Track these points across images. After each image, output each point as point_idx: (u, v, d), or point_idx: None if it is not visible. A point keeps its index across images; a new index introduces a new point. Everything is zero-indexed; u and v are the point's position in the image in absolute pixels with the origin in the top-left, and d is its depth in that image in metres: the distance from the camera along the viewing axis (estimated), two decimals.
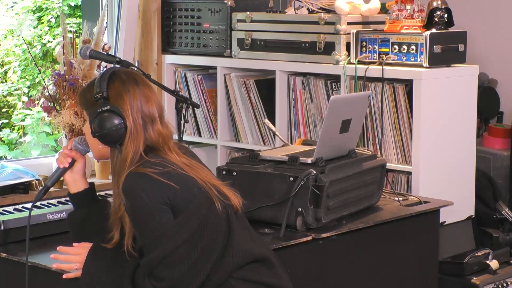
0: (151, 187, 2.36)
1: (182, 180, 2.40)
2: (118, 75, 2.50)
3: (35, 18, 4.95)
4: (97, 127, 2.45)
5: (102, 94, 2.46)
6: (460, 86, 3.93)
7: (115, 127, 2.43)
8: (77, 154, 2.63)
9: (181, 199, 2.37)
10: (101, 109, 2.45)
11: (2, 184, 3.78)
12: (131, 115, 2.45)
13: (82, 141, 2.62)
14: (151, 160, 2.41)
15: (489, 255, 3.85)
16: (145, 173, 2.37)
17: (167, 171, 2.39)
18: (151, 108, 2.48)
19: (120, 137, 2.44)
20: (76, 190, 2.62)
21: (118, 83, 2.48)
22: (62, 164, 2.62)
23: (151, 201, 2.35)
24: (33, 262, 2.63)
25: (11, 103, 4.88)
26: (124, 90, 2.47)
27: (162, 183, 2.36)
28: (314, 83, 4.09)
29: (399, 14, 3.90)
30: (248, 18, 4.29)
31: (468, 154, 3.99)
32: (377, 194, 3.31)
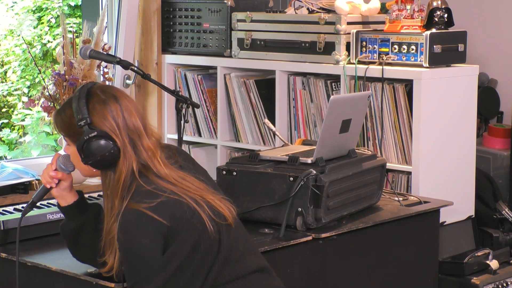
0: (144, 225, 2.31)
1: (176, 210, 2.35)
2: (95, 95, 2.41)
3: (35, 18, 4.95)
4: (88, 155, 2.39)
5: (86, 120, 2.38)
6: (460, 86, 3.93)
7: (108, 152, 2.37)
8: (64, 175, 2.53)
9: (174, 231, 2.34)
10: (88, 136, 2.37)
11: (2, 184, 3.77)
12: (120, 135, 2.39)
13: (66, 160, 2.51)
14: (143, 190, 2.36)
15: (489, 255, 3.85)
16: (138, 210, 2.31)
17: (161, 202, 2.34)
18: (135, 120, 2.42)
19: (114, 160, 2.39)
20: (66, 203, 2.54)
21: (98, 104, 2.40)
22: (48, 184, 2.54)
23: (145, 241, 2.31)
24: (33, 262, 2.63)
25: (11, 103, 4.88)
26: (107, 110, 2.39)
27: (155, 222, 2.31)
28: (314, 83, 4.09)
29: (399, 14, 3.90)
30: (248, 18, 4.29)
31: (468, 154, 3.99)
32: (377, 194, 3.31)
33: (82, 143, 2.38)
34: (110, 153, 2.37)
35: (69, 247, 2.57)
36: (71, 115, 2.41)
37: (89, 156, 2.38)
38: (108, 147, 2.37)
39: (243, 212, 2.93)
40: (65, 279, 2.55)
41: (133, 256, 2.32)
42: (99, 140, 2.37)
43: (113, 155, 2.38)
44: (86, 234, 2.52)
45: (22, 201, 3.68)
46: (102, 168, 2.41)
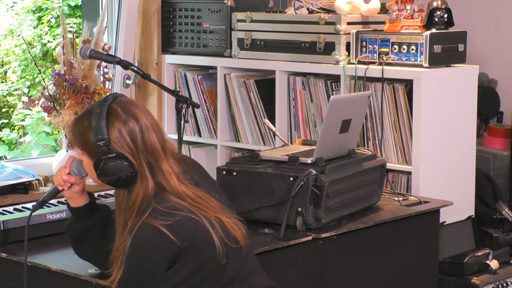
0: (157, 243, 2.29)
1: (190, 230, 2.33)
2: (116, 114, 2.37)
3: (35, 18, 4.95)
4: (104, 174, 2.37)
5: (105, 141, 2.34)
6: (460, 86, 3.93)
7: (124, 174, 2.35)
8: (76, 180, 2.50)
9: (184, 251, 2.32)
10: (106, 157, 2.35)
11: (2, 184, 3.77)
12: (138, 158, 2.36)
13: (80, 166, 2.49)
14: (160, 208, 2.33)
15: (489, 255, 3.85)
16: (155, 226, 2.29)
17: (178, 221, 2.31)
18: (154, 141, 2.39)
19: (130, 182, 2.37)
20: (76, 205, 2.53)
21: (119, 125, 2.36)
22: (60, 186, 2.52)
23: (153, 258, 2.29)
24: (33, 262, 2.63)
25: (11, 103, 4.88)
26: (127, 132, 2.36)
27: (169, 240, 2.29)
28: (314, 83, 4.09)
29: (399, 14, 3.90)
30: (248, 18, 4.29)
31: (468, 154, 3.99)
32: (377, 194, 3.31)
33: (99, 162, 2.36)
34: (126, 176, 2.35)
35: (73, 246, 2.56)
36: (88, 129, 2.38)
37: (105, 176, 2.36)
38: (125, 170, 2.35)
39: (243, 212, 2.93)
40: (65, 279, 2.55)
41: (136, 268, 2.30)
42: (117, 162, 2.34)
43: (130, 178, 2.36)
44: (92, 236, 2.51)
45: (22, 201, 3.69)
46: (117, 187, 2.41)
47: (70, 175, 2.49)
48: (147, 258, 2.29)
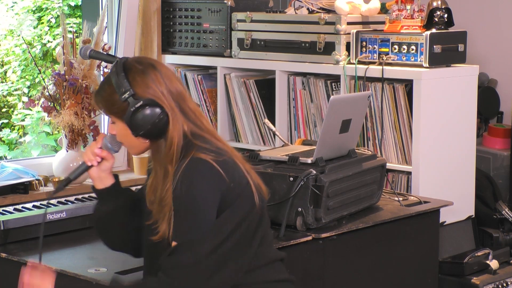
0: (211, 177, 2.28)
1: (236, 172, 2.33)
2: (133, 67, 2.38)
3: (35, 18, 4.95)
4: (138, 126, 2.34)
5: (129, 92, 2.34)
6: (460, 86, 3.93)
7: (157, 118, 2.33)
8: (108, 154, 2.47)
9: (231, 193, 2.31)
10: (134, 107, 2.33)
11: (2, 184, 3.77)
12: (165, 100, 2.34)
13: (113, 140, 2.47)
14: (205, 146, 2.33)
15: (489, 255, 3.85)
16: (207, 160, 2.28)
17: (224, 160, 2.31)
18: (177, 85, 2.39)
19: (165, 126, 2.34)
20: (103, 186, 2.49)
21: (138, 75, 2.36)
22: (90, 161, 2.47)
23: (206, 194, 2.27)
24: (33, 262, 2.63)
25: (11, 103, 4.88)
26: (147, 79, 2.35)
27: (220, 176, 2.28)
28: (314, 83, 4.09)
29: (399, 14, 3.90)
30: (248, 18, 4.29)
31: (468, 154, 3.99)
32: (377, 194, 3.31)
33: (130, 115, 2.34)
34: (160, 119, 2.33)
35: (101, 233, 2.53)
36: (112, 91, 2.37)
37: (140, 127, 2.34)
38: (156, 114, 2.33)
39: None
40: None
41: (190, 211, 2.27)
42: (147, 109, 2.33)
43: (163, 121, 2.33)
44: (121, 219, 2.49)
45: (22, 201, 3.69)
46: (154, 137, 2.36)
47: (101, 149, 2.47)
48: (201, 191, 2.26)
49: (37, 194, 3.84)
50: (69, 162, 4.03)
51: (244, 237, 2.33)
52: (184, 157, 2.32)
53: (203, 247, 2.26)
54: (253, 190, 2.36)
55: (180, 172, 2.28)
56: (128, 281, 2.47)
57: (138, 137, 2.37)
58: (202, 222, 2.27)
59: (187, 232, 2.27)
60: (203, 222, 2.27)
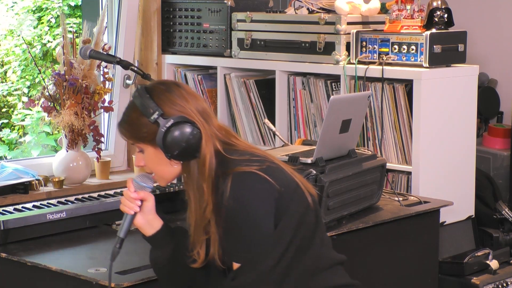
0: (261, 188, 2.19)
1: (283, 176, 2.26)
2: (156, 87, 2.30)
3: (35, 18, 4.95)
4: (172, 146, 2.24)
5: (158, 112, 2.24)
6: (460, 86, 3.93)
7: (191, 135, 2.24)
8: (145, 194, 2.33)
9: (284, 198, 2.23)
10: (166, 127, 2.24)
11: (2, 184, 3.77)
12: (195, 116, 2.26)
13: (143, 177, 2.34)
14: (242, 159, 2.24)
15: (489, 255, 3.85)
16: (252, 171, 2.20)
17: (268, 166, 2.23)
18: (202, 103, 2.31)
19: (198, 143, 2.25)
20: (154, 230, 2.34)
21: (163, 94, 2.27)
22: (132, 209, 2.33)
23: (261, 205, 2.19)
24: (33, 262, 2.63)
25: (11, 103, 4.88)
26: (173, 96, 2.27)
27: (270, 184, 2.20)
28: (314, 83, 4.09)
29: (399, 14, 3.90)
30: (248, 18, 4.29)
31: (468, 154, 3.99)
32: (377, 194, 3.31)
33: (161, 136, 2.24)
34: (193, 136, 2.25)
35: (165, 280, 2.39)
36: (137, 115, 2.28)
37: (173, 147, 2.24)
38: (190, 131, 2.24)
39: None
40: (65, 279, 2.55)
41: (247, 228, 2.19)
42: (179, 127, 2.24)
43: (197, 138, 2.25)
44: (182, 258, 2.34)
45: (22, 201, 3.69)
46: (187, 156, 2.27)
47: (137, 191, 2.34)
48: (256, 205, 2.19)
49: (37, 194, 3.84)
50: (69, 162, 4.02)
51: (304, 240, 2.26)
52: (223, 174, 2.23)
53: (266, 263, 2.19)
54: (304, 191, 2.29)
55: (228, 191, 2.19)
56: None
57: (171, 159, 2.28)
58: (261, 236, 2.20)
59: (247, 251, 2.20)
60: (262, 237, 2.20)
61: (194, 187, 2.27)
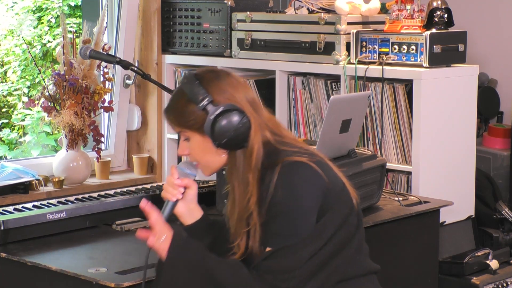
0: (311, 179, 2.15)
1: (332, 174, 2.22)
2: (205, 74, 2.26)
3: (35, 18, 4.95)
4: (220, 134, 2.19)
5: (208, 99, 2.20)
6: (460, 86, 3.93)
7: (240, 123, 2.20)
8: (189, 181, 2.30)
9: (330, 195, 2.19)
10: (215, 114, 2.19)
11: (2, 184, 3.77)
12: (244, 105, 2.22)
13: (187, 165, 2.30)
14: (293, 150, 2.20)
15: (489, 255, 3.85)
16: (303, 161, 2.16)
17: (319, 161, 2.20)
18: (251, 93, 2.27)
19: (247, 132, 2.21)
20: (193, 220, 2.33)
21: (213, 81, 2.23)
22: (174, 196, 2.29)
23: (309, 196, 2.15)
24: (33, 262, 2.63)
25: (11, 103, 4.88)
26: (224, 84, 2.23)
27: (320, 177, 2.16)
28: (314, 83, 4.09)
29: (399, 14, 3.90)
30: (248, 18, 4.29)
31: (468, 154, 3.99)
32: (377, 194, 3.31)
33: (210, 124, 2.20)
34: (243, 125, 2.20)
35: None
36: (186, 102, 2.24)
37: (222, 135, 2.20)
38: (239, 119, 2.20)
39: None
40: (65, 279, 2.55)
41: (292, 215, 2.14)
42: (228, 114, 2.20)
43: (246, 127, 2.21)
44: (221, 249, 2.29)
45: (22, 201, 3.69)
46: (235, 146, 2.22)
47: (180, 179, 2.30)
48: (303, 194, 2.15)
49: (37, 194, 3.84)
50: (69, 162, 4.03)
51: (343, 241, 2.22)
52: (271, 165, 2.19)
53: (304, 251, 2.15)
54: (351, 193, 2.26)
55: (276, 179, 2.15)
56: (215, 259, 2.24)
57: (218, 148, 2.23)
58: (303, 226, 2.16)
59: (288, 237, 2.15)
60: (304, 226, 2.16)
61: (239, 178, 2.22)
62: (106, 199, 3.07)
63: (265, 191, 2.18)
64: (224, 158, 2.26)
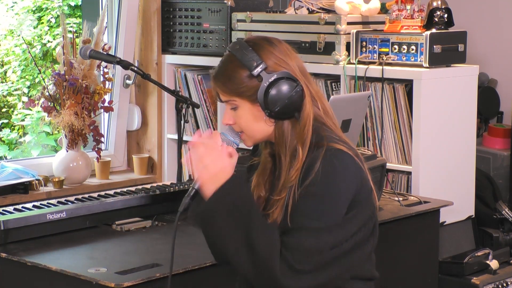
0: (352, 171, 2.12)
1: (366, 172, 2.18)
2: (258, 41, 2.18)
3: (35, 18, 4.95)
4: (274, 102, 2.12)
5: (262, 65, 2.13)
6: (460, 86, 3.93)
7: (295, 92, 2.13)
8: (233, 150, 2.19)
9: (361, 193, 2.15)
10: (269, 82, 2.12)
11: (2, 184, 3.78)
12: (298, 74, 2.16)
13: (232, 133, 2.21)
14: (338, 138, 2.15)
15: (489, 255, 3.85)
16: (347, 152, 2.13)
17: (357, 155, 2.16)
18: (301, 62, 2.21)
19: (301, 102, 2.14)
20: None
21: (266, 48, 2.16)
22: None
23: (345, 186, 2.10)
24: (33, 262, 2.63)
25: (11, 103, 4.88)
26: (278, 52, 2.17)
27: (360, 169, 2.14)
28: (314, 83, 4.08)
29: (399, 14, 3.90)
30: (248, 18, 4.29)
31: (468, 154, 3.99)
32: (377, 194, 3.30)
33: (264, 91, 2.12)
34: (297, 93, 2.14)
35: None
36: (237, 68, 2.16)
37: (275, 103, 2.12)
38: (293, 87, 2.13)
39: None
40: (65, 279, 2.55)
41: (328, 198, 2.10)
42: (283, 82, 2.13)
43: (300, 96, 2.15)
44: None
45: (22, 201, 3.69)
46: (287, 115, 2.16)
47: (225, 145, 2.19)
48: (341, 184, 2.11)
49: (37, 194, 3.84)
50: (69, 162, 4.03)
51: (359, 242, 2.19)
52: (317, 144, 2.14)
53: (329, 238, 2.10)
54: (375, 197, 2.22)
55: (319, 164, 2.09)
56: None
57: (269, 117, 2.15)
58: (332, 213, 2.11)
59: (314, 219, 2.09)
60: (333, 214, 2.11)
61: (286, 150, 2.17)
62: (106, 199, 3.07)
63: (307, 169, 2.13)
64: (271, 129, 2.19)
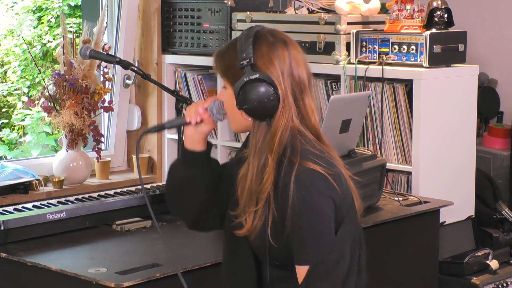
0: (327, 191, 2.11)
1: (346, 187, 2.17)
2: (264, 37, 2.18)
3: (35, 18, 4.95)
4: (244, 99, 2.14)
5: (249, 60, 2.14)
6: (460, 86, 3.93)
7: (267, 98, 2.12)
8: (209, 119, 2.26)
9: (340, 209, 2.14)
10: (248, 78, 2.14)
11: (2, 184, 3.78)
12: (282, 83, 2.14)
13: (220, 107, 2.27)
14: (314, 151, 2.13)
15: (489, 255, 3.85)
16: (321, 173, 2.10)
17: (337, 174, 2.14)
18: (301, 72, 2.18)
19: (272, 110, 2.14)
20: (191, 148, 2.29)
21: (266, 46, 2.16)
22: (189, 118, 2.27)
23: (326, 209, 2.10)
24: (33, 262, 2.63)
25: (11, 103, 4.88)
26: (274, 54, 2.15)
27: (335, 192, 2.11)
28: (314, 83, 4.09)
29: (399, 14, 3.90)
30: (248, 18, 4.29)
31: (468, 154, 3.99)
32: (377, 194, 3.31)
33: (240, 85, 2.15)
34: (269, 100, 2.13)
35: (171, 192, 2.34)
36: (232, 53, 2.19)
37: (245, 101, 2.15)
38: (268, 93, 2.13)
39: None
40: (65, 279, 2.55)
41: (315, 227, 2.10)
42: (260, 84, 2.13)
43: (272, 104, 2.14)
44: (197, 188, 2.30)
45: (22, 201, 3.69)
46: (257, 116, 2.17)
47: (205, 111, 2.27)
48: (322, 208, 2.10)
49: (37, 194, 3.84)
50: (69, 162, 4.03)
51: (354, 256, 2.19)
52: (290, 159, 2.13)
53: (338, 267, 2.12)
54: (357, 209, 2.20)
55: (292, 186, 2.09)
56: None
57: (241, 110, 2.18)
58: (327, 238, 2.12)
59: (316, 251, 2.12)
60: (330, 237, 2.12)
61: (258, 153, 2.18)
62: (106, 199, 3.07)
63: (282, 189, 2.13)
64: (250, 122, 2.20)
